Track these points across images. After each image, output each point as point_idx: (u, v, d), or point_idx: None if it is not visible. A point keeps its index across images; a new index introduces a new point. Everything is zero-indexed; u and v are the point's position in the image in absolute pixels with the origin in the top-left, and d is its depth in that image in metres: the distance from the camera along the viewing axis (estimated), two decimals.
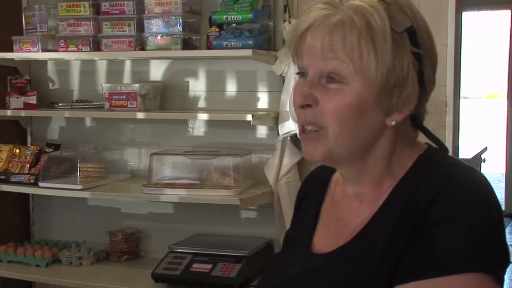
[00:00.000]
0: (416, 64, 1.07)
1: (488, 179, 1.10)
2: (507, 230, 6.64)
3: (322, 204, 1.26)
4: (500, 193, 7.69)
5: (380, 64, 1.04)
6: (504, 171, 7.63)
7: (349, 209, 1.17)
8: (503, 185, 7.79)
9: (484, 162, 6.60)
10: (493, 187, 1.09)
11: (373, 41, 1.04)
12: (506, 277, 4.78)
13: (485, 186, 1.07)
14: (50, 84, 3.40)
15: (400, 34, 1.06)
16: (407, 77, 1.07)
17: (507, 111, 7.29)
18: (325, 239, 1.18)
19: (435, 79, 1.13)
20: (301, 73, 1.12)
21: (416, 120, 1.13)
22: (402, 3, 1.09)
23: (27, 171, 3.10)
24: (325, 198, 1.26)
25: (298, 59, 1.12)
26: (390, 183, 1.12)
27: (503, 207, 7.27)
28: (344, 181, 1.20)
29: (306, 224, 1.25)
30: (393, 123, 1.09)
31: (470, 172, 1.09)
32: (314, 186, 1.30)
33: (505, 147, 7.50)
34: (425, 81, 1.10)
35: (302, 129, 1.12)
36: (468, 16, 8.17)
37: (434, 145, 1.18)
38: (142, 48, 2.91)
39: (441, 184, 1.05)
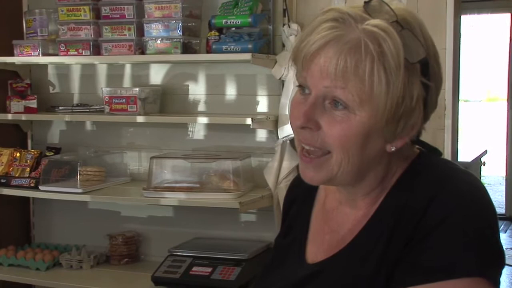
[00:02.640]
0: (424, 94, 1.05)
1: (488, 182, 1.10)
2: (507, 234, 6.64)
3: (312, 212, 1.24)
4: (500, 196, 7.68)
5: (390, 95, 1.01)
6: (504, 174, 7.62)
7: (344, 219, 1.17)
8: (503, 188, 7.77)
9: (484, 165, 6.60)
10: (494, 190, 1.09)
11: (385, 70, 1.00)
12: (507, 280, 4.72)
13: (479, 189, 1.07)
14: (51, 88, 3.41)
15: (413, 64, 1.02)
16: (415, 108, 1.04)
17: (507, 114, 7.29)
18: (319, 251, 1.17)
19: (437, 102, 1.11)
20: (302, 88, 1.09)
21: (413, 139, 1.11)
22: (414, 26, 1.05)
23: (28, 175, 3.11)
24: (314, 206, 1.25)
25: (302, 73, 1.07)
26: (383, 190, 1.12)
27: (503, 210, 7.26)
28: (338, 192, 1.19)
29: (298, 233, 1.24)
30: (393, 149, 1.08)
31: (464, 175, 1.09)
32: (301, 193, 1.28)
33: (505, 150, 7.49)
34: (428, 107, 1.08)
35: (302, 149, 1.09)
36: (468, 20, 8.18)
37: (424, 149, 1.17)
38: (142, 52, 2.92)
39: (435, 189, 1.05)
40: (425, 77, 1.04)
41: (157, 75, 3.18)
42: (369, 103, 1.02)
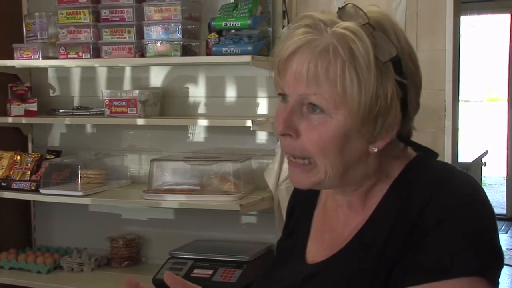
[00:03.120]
0: (400, 92, 1.06)
1: (489, 183, 1.10)
2: (508, 234, 6.64)
3: (313, 214, 1.25)
4: (501, 197, 7.68)
5: (363, 94, 1.02)
6: (505, 175, 7.62)
7: (342, 218, 1.18)
8: (504, 188, 7.78)
9: (484, 165, 6.61)
10: (494, 190, 1.09)
11: (356, 71, 1.02)
12: (508, 281, 4.71)
13: (477, 190, 1.07)
14: (51, 91, 3.41)
15: (385, 63, 1.03)
16: (390, 106, 1.05)
17: (508, 114, 7.29)
18: (319, 250, 1.18)
19: (419, 103, 1.12)
20: (283, 96, 1.10)
21: (403, 139, 1.12)
22: (387, 27, 1.07)
23: (28, 178, 3.11)
24: (316, 208, 1.26)
25: (280, 80, 1.10)
26: (379, 191, 1.12)
27: (504, 211, 7.25)
28: (333, 192, 1.20)
29: (299, 235, 1.25)
30: (376, 150, 1.08)
31: (462, 176, 1.09)
32: (303, 197, 1.30)
33: (506, 151, 7.49)
34: (408, 107, 1.08)
35: (288, 157, 1.11)
36: (468, 20, 8.18)
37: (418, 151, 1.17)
38: (142, 54, 2.92)
39: (432, 190, 1.05)
40: (399, 75, 1.05)
41: (157, 77, 3.18)
42: (344, 105, 1.03)
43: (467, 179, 1.09)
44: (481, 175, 6.66)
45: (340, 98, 1.03)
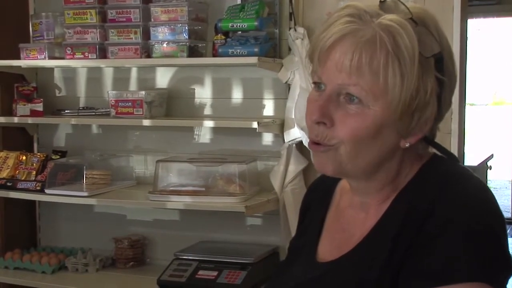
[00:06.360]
0: (437, 89, 1.07)
1: (495, 186, 1.10)
2: None
3: (327, 213, 1.25)
4: (506, 200, 7.66)
5: (404, 87, 1.03)
6: (510, 178, 7.61)
7: (354, 219, 1.17)
8: (509, 192, 7.76)
9: (490, 169, 6.59)
10: (500, 194, 1.08)
11: (400, 63, 1.02)
12: None
13: (485, 194, 1.06)
14: (57, 91, 3.41)
15: (427, 58, 1.04)
16: (428, 101, 1.06)
17: None
18: (330, 249, 1.18)
19: (451, 101, 1.13)
20: (317, 85, 1.10)
21: (428, 138, 1.13)
22: (429, 24, 1.07)
23: (34, 178, 3.11)
24: (330, 207, 1.26)
25: (318, 70, 1.09)
26: (393, 193, 1.12)
27: (509, 214, 7.23)
28: (351, 190, 1.20)
29: (311, 233, 1.25)
30: (407, 145, 1.09)
31: (470, 180, 1.09)
32: (318, 195, 1.30)
33: (511, 154, 7.47)
34: (442, 104, 1.09)
35: (312, 141, 1.11)
36: (474, 23, 8.18)
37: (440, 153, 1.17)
38: (148, 55, 2.92)
39: (438, 193, 1.05)
40: (439, 72, 1.06)
41: (163, 78, 3.18)
42: (383, 97, 1.04)
43: (476, 184, 1.08)
44: (487, 178, 6.65)
45: (381, 90, 1.03)
